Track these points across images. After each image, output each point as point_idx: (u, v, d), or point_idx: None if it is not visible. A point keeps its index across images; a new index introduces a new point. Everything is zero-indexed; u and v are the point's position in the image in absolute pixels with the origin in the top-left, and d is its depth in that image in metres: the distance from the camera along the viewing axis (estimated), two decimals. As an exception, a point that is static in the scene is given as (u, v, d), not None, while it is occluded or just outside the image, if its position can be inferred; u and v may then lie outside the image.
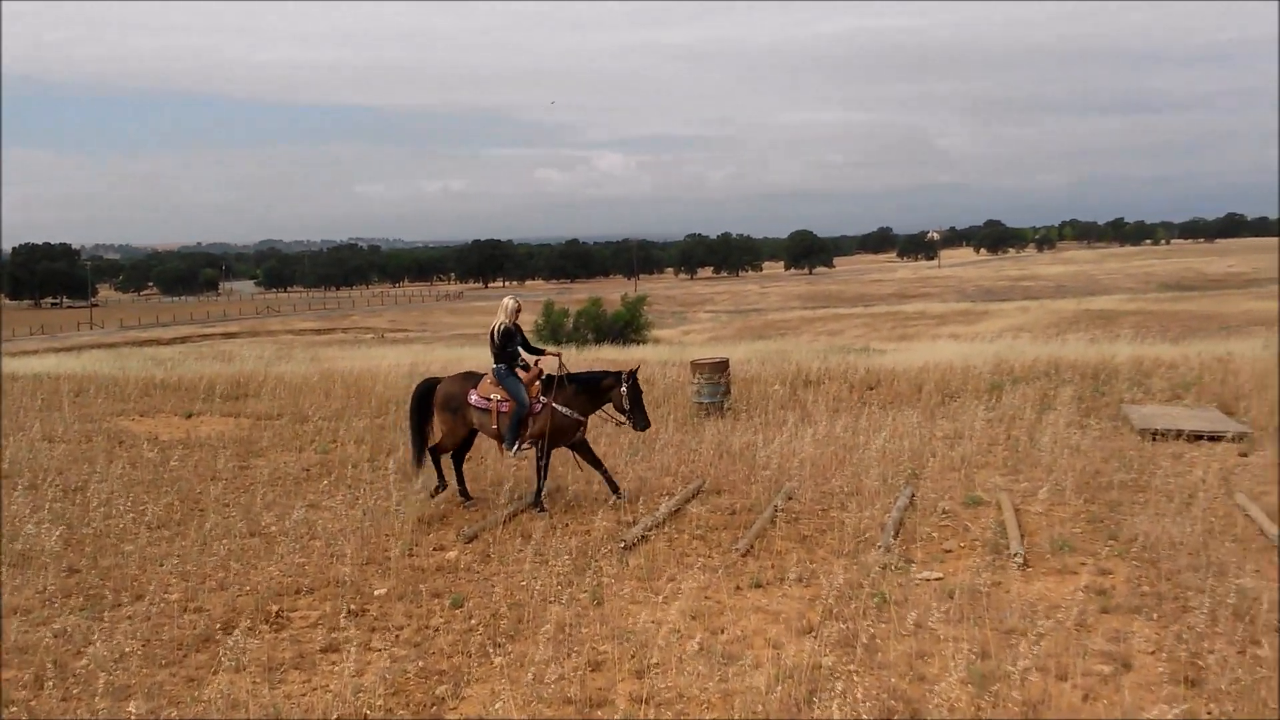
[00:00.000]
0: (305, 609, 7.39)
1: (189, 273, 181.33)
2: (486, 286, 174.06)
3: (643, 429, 10.02)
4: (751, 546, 8.37)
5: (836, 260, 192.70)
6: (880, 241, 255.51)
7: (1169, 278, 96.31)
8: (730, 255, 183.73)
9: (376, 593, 7.61)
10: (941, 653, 6.04)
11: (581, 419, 9.90)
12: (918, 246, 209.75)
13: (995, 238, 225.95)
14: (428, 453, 10.29)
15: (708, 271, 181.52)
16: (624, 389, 9.76)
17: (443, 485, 10.28)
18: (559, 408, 9.73)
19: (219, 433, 14.20)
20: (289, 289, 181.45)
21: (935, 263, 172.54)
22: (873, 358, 20.19)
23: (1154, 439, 11.76)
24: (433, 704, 5.80)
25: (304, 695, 5.95)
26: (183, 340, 65.26)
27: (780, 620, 6.81)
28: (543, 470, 9.86)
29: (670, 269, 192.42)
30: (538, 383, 9.88)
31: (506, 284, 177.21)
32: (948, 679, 5.69)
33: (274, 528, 9.22)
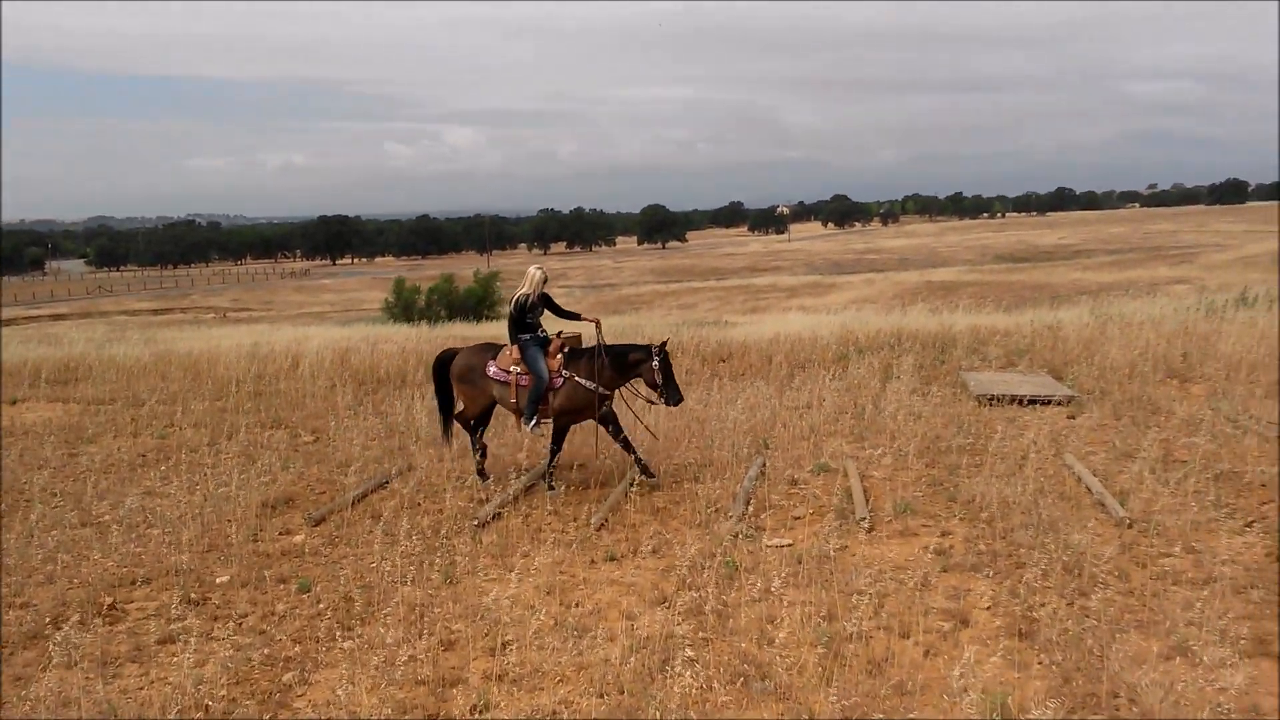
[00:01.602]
0: (142, 600, 7.08)
1: (12, 251, 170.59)
2: (334, 263, 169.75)
3: (676, 403, 9.47)
4: (606, 520, 8.39)
5: (689, 235, 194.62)
6: (732, 216, 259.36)
7: (1004, 250, 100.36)
8: (583, 230, 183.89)
9: (218, 580, 7.34)
10: (790, 616, 6.17)
11: (606, 393, 9.42)
12: (768, 221, 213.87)
13: (842, 212, 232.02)
14: (456, 421, 9.93)
15: (561, 247, 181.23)
16: (655, 363, 9.29)
17: (481, 453, 9.80)
18: (581, 380, 9.30)
19: (45, 419, 13.47)
20: (122, 268, 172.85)
21: (785, 237, 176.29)
22: (724, 330, 20.44)
23: (990, 404, 12.25)
24: (278, 692, 5.64)
25: (141, 689, 5.71)
26: (7, 323, 61.61)
27: (634, 592, 6.86)
28: (557, 447, 9.51)
29: (524, 245, 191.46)
30: (560, 355, 9.43)
31: (355, 261, 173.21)
32: (796, 641, 5.85)
33: (107, 517, 8.82)
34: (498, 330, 24.57)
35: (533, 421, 9.33)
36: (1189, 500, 8.03)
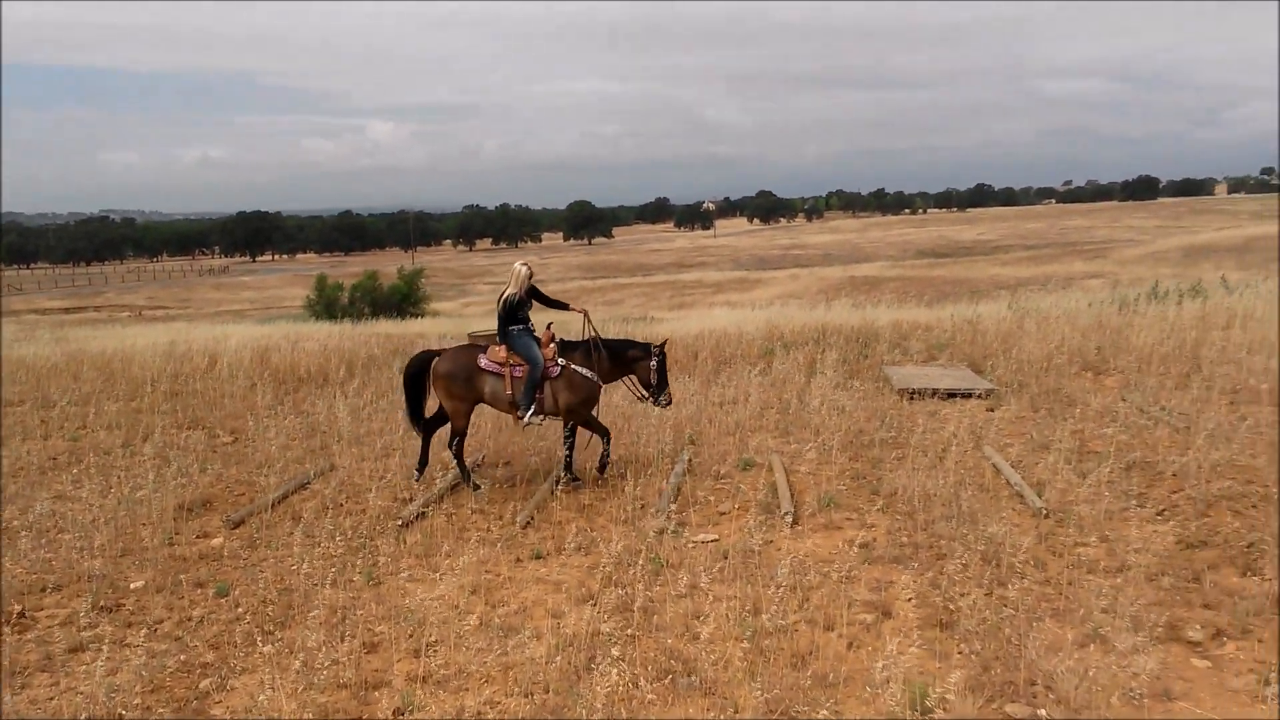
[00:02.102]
0: (52, 607, 6.87)
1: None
2: (254, 260, 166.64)
3: (666, 405, 9.49)
4: (532, 518, 8.36)
5: (615, 230, 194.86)
6: (658, 212, 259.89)
7: (925, 245, 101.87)
8: (509, 226, 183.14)
9: (132, 586, 7.16)
10: (716, 611, 6.19)
11: (600, 385, 9.37)
12: (694, 216, 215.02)
13: (767, 208, 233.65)
14: (450, 450, 9.42)
15: (486, 243, 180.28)
16: (654, 363, 9.28)
17: (470, 479, 9.40)
18: (578, 369, 9.18)
19: (-49, 422, 13.01)
20: (33, 265, 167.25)
21: (711, 232, 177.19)
22: (651, 326, 20.46)
23: (911, 398, 12.43)
24: (195, 699, 5.51)
25: (51, 699, 5.56)
26: (-90, 322, 59.36)
27: (560, 590, 6.83)
28: (573, 443, 9.39)
29: (448, 241, 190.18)
30: (552, 345, 9.28)
31: (275, 258, 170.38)
32: (722, 636, 5.87)
33: (16, 522, 8.54)
34: (422, 328, 24.35)
35: (530, 411, 9.09)
36: (1103, 490, 8.22)
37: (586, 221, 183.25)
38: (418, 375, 9.47)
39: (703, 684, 5.39)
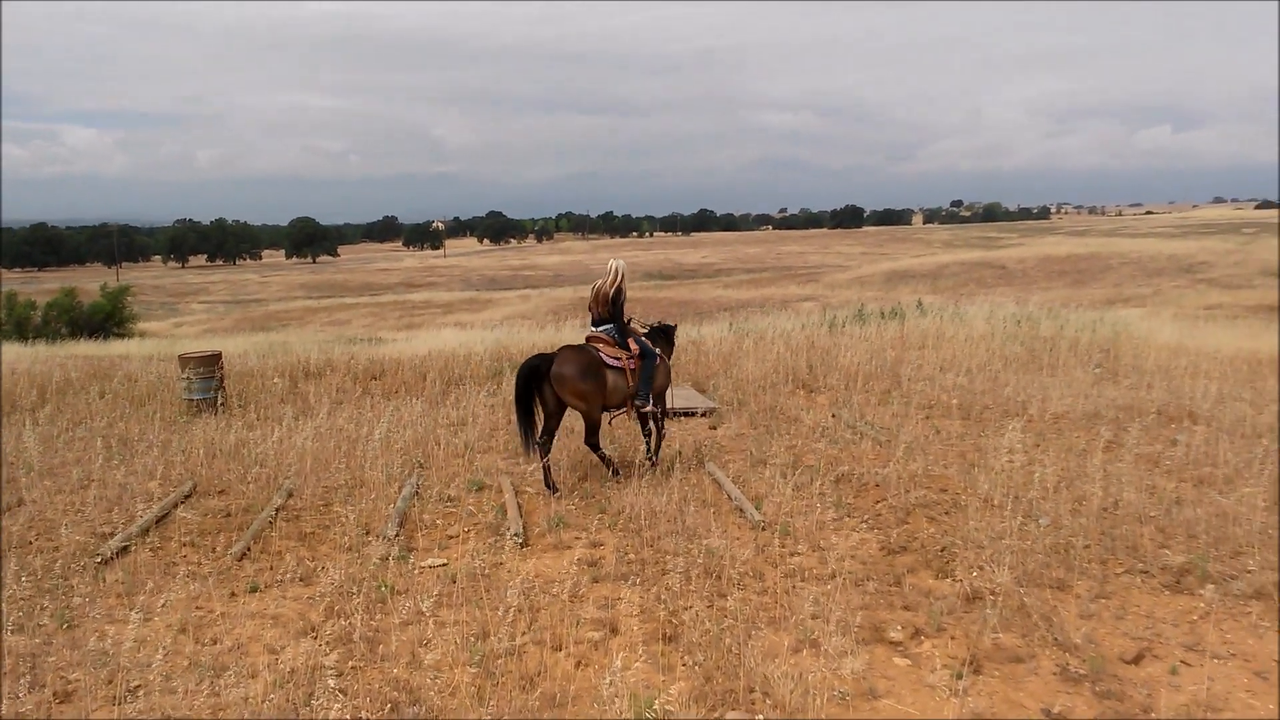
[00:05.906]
0: None
1: None
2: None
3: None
4: (248, 549, 7.93)
5: (341, 249, 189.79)
6: (386, 230, 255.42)
7: (652, 267, 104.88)
8: (226, 242, 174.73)
9: None
10: (443, 637, 6.08)
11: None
12: (423, 236, 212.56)
13: (498, 228, 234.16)
14: (551, 439, 9.74)
15: (201, 259, 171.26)
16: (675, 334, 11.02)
17: (612, 465, 9.95)
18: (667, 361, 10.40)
19: None
20: None
21: (441, 252, 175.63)
22: (377, 347, 20.01)
23: (639, 417, 12.70)
24: None
25: None
26: None
27: (279, 623, 6.51)
28: (662, 428, 10.33)
29: (158, 257, 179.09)
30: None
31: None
32: (449, 662, 5.77)
33: None
34: (127, 349, 22.73)
35: (649, 399, 9.74)
36: (815, 502, 8.68)
37: (310, 239, 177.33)
38: (529, 383, 9.38)
39: (429, 712, 5.27)
